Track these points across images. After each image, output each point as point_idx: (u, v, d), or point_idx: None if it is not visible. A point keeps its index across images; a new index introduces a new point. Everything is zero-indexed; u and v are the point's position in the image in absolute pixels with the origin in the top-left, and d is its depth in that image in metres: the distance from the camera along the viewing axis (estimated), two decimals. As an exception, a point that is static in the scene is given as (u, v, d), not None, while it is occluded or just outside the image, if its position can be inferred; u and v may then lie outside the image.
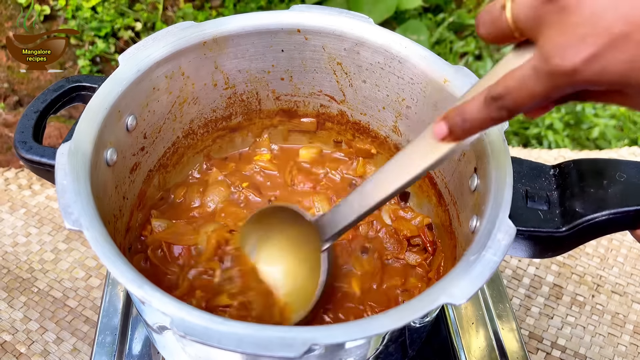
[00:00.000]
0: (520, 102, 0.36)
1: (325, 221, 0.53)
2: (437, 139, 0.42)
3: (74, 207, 0.44)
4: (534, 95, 0.35)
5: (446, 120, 0.41)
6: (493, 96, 0.37)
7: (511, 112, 0.37)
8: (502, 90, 0.36)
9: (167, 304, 0.41)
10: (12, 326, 0.75)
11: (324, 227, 0.53)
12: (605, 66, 0.31)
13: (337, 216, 0.51)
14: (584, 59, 0.31)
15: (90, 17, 1.71)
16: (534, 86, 0.34)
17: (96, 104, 0.52)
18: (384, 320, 0.41)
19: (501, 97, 0.37)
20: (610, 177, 0.49)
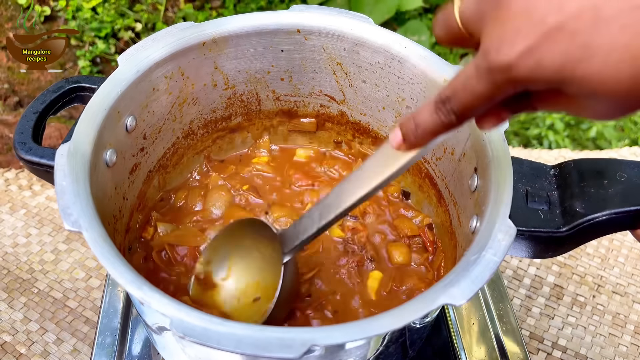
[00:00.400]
0: (465, 103, 0.35)
1: (288, 234, 0.52)
2: (393, 147, 0.41)
3: (73, 208, 0.44)
4: (477, 96, 0.34)
5: (400, 128, 0.40)
6: (441, 99, 0.36)
7: (459, 116, 0.36)
8: (449, 92, 0.35)
9: (167, 305, 0.40)
10: (12, 327, 0.75)
11: (286, 240, 0.52)
12: (540, 60, 0.29)
13: (299, 229, 0.51)
14: (519, 53, 0.30)
15: (90, 17, 1.71)
16: (476, 85, 0.33)
17: (95, 104, 0.52)
18: (384, 320, 0.41)
19: (448, 100, 0.35)
20: (611, 177, 0.49)
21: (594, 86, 0.29)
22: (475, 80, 0.33)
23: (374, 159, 0.44)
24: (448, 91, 0.35)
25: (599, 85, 0.29)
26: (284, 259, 0.53)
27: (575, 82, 0.29)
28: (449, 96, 0.35)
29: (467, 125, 0.52)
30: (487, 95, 0.33)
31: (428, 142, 0.40)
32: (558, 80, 0.30)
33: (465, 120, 0.36)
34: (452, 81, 0.35)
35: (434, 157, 0.64)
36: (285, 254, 0.53)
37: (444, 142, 0.61)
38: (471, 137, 0.55)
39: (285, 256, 0.53)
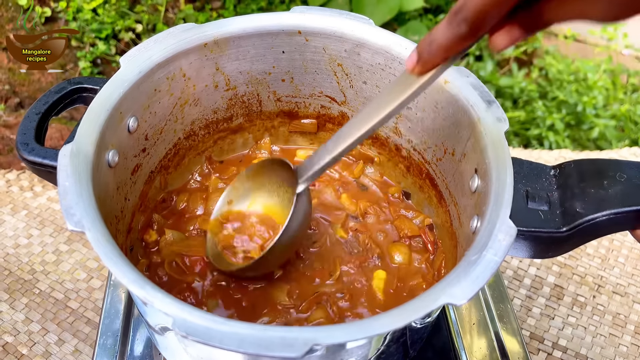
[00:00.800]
0: (475, 9, 0.35)
1: (304, 166, 0.55)
2: (408, 69, 0.42)
3: (76, 208, 0.44)
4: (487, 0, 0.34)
5: (416, 49, 0.41)
6: (454, 11, 0.37)
7: (471, 25, 0.36)
8: (461, 4, 0.36)
9: (169, 305, 0.41)
10: (13, 327, 0.75)
11: (301, 171, 0.55)
12: None
13: (314, 159, 0.53)
14: None
15: (91, 18, 1.71)
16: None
17: (98, 105, 0.53)
18: (385, 320, 0.41)
19: (460, 10, 0.36)
20: (611, 178, 0.49)
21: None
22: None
23: (387, 90, 0.45)
24: (459, 2, 0.36)
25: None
26: (298, 188, 0.55)
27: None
28: (461, 5, 0.36)
29: (467, 125, 0.53)
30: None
31: (442, 60, 0.40)
32: None
33: (477, 31, 0.36)
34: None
35: (435, 158, 0.64)
36: (300, 184, 0.55)
37: (445, 143, 0.61)
38: (472, 138, 0.55)
39: (299, 185, 0.55)
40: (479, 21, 0.36)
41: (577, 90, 1.78)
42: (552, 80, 1.87)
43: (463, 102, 0.56)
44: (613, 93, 1.82)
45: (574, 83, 1.82)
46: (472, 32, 0.37)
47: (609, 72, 1.90)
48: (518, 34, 0.37)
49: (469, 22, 0.36)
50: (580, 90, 1.78)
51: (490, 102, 0.55)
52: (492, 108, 0.54)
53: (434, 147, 0.64)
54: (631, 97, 1.84)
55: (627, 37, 2.01)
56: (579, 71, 1.85)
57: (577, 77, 1.84)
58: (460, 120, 0.57)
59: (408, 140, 0.68)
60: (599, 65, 1.89)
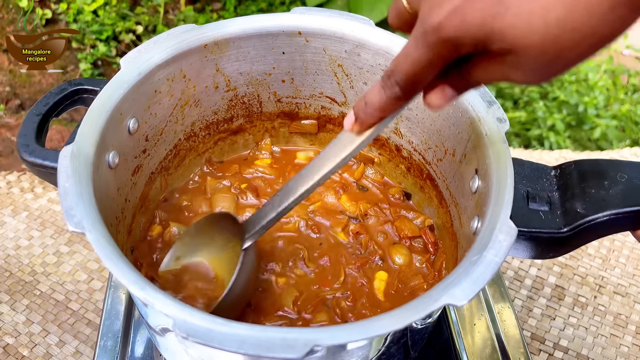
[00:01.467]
0: (407, 73, 0.37)
1: (251, 221, 0.55)
2: (346, 129, 0.44)
3: (77, 209, 0.44)
4: (416, 62, 0.36)
5: (353, 108, 0.43)
6: (386, 74, 0.38)
7: (403, 88, 0.38)
8: (392, 66, 0.38)
9: (170, 306, 0.41)
10: (14, 329, 0.75)
11: (249, 226, 0.54)
12: (464, 18, 0.32)
13: (261, 215, 0.53)
14: (446, 14, 0.33)
15: (91, 20, 1.71)
16: (414, 52, 0.36)
17: (98, 106, 0.53)
18: (385, 321, 0.41)
19: (392, 73, 0.38)
20: (611, 178, 0.49)
21: (511, 39, 0.31)
22: (414, 47, 0.36)
23: (330, 147, 0.47)
24: (392, 65, 0.38)
25: (515, 39, 0.31)
26: (244, 244, 0.54)
27: (496, 37, 0.32)
28: (392, 69, 0.38)
29: (468, 125, 0.53)
30: (425, 59, 0.36)
31: (378, 120, 0.42)
32: (481, 37, 0.32)
33: (410, 93, 0.38)
34: (395, 57, 0.38)
35: (435, 159, 0.64)
36: (246, 240, 0.54)
37: (445, 144, 0.61)
38: (472, 138, 0.55)
39: (245, 241, 0.54)
40: (411, 84, 0.38)
41: (577, 90, 1.78)
42: (553, 81, 1.87)
43: (464, 102, 0.56)
44: (614, 93, 1.82)
45: (574, 83, 1.81)
46: (404, 94, 0.38)
47: (610, 72, 1.90)
48: (450, 93, 0.39)
49: (401, 85, 0.38)
50: (581, 91, 1.78)
51: (491, 102, 0.55)
52: (492, 108, 0.54)
53: (435, 148, 0.64)
54: (632, 97, 1.84)
55: (628, 37, 2.01)
56: (580, 71, 1.85)
57: (577, 77, 1.84)
58: (461, 121, 0.57)
59: (409, 141, 0.67)
60: (599, 65, 1.89)
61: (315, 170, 0.48)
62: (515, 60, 0.33)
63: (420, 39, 0.35)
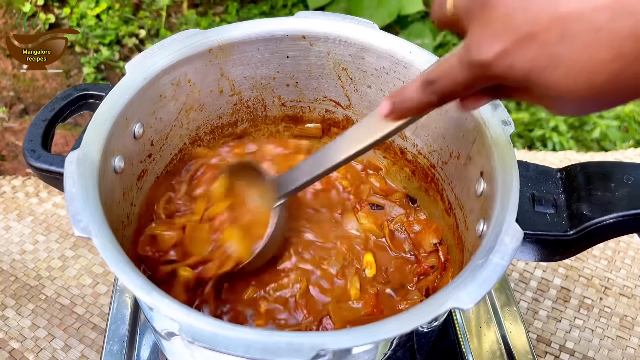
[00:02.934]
0: (447, 88, 0.38)
1: (282, 180, 0.57)
2: (381, 115, 0.45)
3: (83, 214, 0.44)
4: (457, 83, 0.37)
5: (390, 99, 0.44)
6: (427, 80, 0.40)
7: (441, 98, 0.39)
8: (434, 76, 0.39)
9: (176, 310, 0.41)
10: (20, 334, 0.76)
11: (280, 186, 0.57)
12: (512, 63, 0.33)
13: (292, 177, 0.56)
14: (495, 54, 0.33)
15: (94, 25, 1.72)
16: (457, 74, 0.37)
17: (103, 112, 0.53)
18: (391, 325, 0.41)
19: (433, 82, 0.39)
20: (618, 180, 0.49)
21: (556, 91, 0.32)
22: (458, 70, 0.37)
23: (364, 123, 0.48)
24: (434, 74, 0.39)
25: (560, 92, 0.32)
26: (276, 202, 0.57)
27: (541, 86, 0.33)
28: (434, 79, 0.39)
29: (473, 128, 0.53)
30: (467, 84, 0.37)
31: (412, 116, 0.44)
32: (527, 82, 0.33)
33: (445, 102, 0.40)
34: (438, 65, 0.39)
35: (440, 161, 0.64)
36: (278, 199, 0.57)
37: (450, 146, 0.61)
38: (477, 141, 0.55)
39: (277, 200, 0.57)
40: (449, 97, 0.40)
41: (580, 91, 1.77)
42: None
43: (468, 105, 0.56)
44: (616, 94, 1.81)
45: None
46: (440, 102, 0.40)
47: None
48: (485, 100, 0.41)
49: (439, 96, 0.39)
50: (584, 91, 1.77)
51: (496, 105, 0.55)
52: (497, 111, 0.54)
53: (439, 151, 0.64)
54: (635, 97, 1.83)
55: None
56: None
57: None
58: (466, 124, 0.57)
59: (413, 143, 0.67)
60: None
61: (349, 145, 0.49)
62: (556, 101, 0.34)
63: (465, 67, 0.36)
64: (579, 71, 0.31)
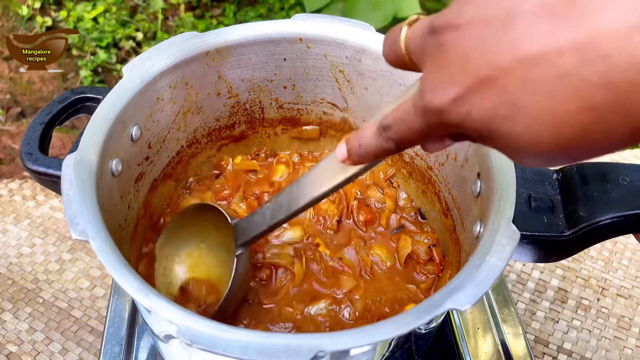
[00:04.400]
0: (403, 135, 0.35)
1: (241, 227, 0.54)
2: (338, 159, 0.42)
3: (80, 217, 0.44)
4: (413, 130, 0.34)
5: (346, 143, 0.41)
6: (382, 126, 0.36)
7: (398, 145, 0.36)
8: (389, 122, 0.35)
9: (174, 313, 0.41)
10: (17, 337, 0.75)
11: (239, 233, 0.54)
12: (470, 111, 0.29)
13: (252, 224, 0.52)
14: (450, 100, 0.29)
15: (91, 27, 1.72)
16: (413, 121, 0.33)
17: (101, 115, 0.53)
18: (389, 326, 0.41)
19: (388, 128, 0.36)
20: (614, 181, 0.49)
21: (518, 144, 0.29)
22: (413, 116, 0.33)
23: (325, 165, 0.45)
24: (389, 120, 0.35)
25: (522, 145, 0.29)
26: (237, 251, 0.54)
27: (502, 138, 0.29)
28: (389, 125, 0.35)
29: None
30: (423, 131, 0.33)
31: (369, 162, 0.41)
32: (485, 132, 0.29)
33: (403, 148, 0.37)
34: (392, 111, 0.35)
35: (437, 163, 0.64)
36: (238, 247, 0.54)
37: (447, 148, 0.61)
38: (474, 142, 0.55)
39: (238, 249, 0.54)
40: (406, 143, 0.36)
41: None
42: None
43: (465, 107, 0.56)
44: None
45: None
46: (398, 149, 0.37)
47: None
48: (449, 142, 0.37)
49: (396, 142, 0.36)
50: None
51: (492, 106, 0.55)
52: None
53: (436, 152, 0.64)
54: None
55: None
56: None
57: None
58: (462, 125, 0.57)
59: (410, 145, 0.68)
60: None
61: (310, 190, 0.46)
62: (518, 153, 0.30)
63: (419, 113, 0.32)
64: (543, 123, 0.27)
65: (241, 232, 0.54)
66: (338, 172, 0.44)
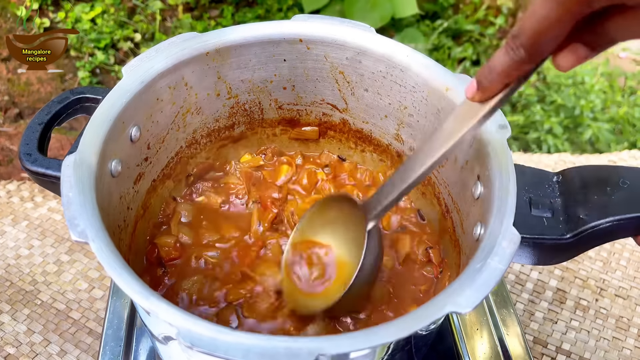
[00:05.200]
0: (533, 33, 0.34)
1: (371, 202, 0.54)
2: (468, 97, 0.41)
3: (80, 219, 0.44)
4: (543, 21, 0.33)
5: (475, 77, 0.40)
6: (512, 35, 0.35)
7: (529, 49, 0.35)
8: (519, 28, 0.35)
9: (174, 315, 0.41)
10: (15, 339, 0.75)
11: (369, 207, 0.54)
12: None
13: (381, 195, 0.52)
14: None
15: (89, 28, 1.72)
16: (541, 9, 0.32)
17: (100, 115, 0.53)
18: (389, 329, 0.41)
19: (518, 35, 0.35)
20: (614, 184, 0.49)
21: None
22: (540, 3, 0.32)
23: (450, 120, 0.44)
24: (517, 27, 0.35)
25: None
26: (368, 225, 0.54)
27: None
28: (519, 31, 0.35)
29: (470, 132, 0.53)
30: (553, 17, 0.32)
31: (503, 86, 0.39)
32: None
33: (537, 55, 0.35)
34: (520, 19, 0.36)
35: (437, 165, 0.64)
36: (369, 221, 0.54)
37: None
38: (474, 144, 0.55)
39: (368, 223, 0.54)
40: (537, 45, 0.35)
41: (575, 93, 1.79)
42: (550, 84, 1.88)
43: (464, 108, 0.56)
44: (611, 96, 1.83)
45: (571, 87, 1.82)
46: (531, 57, 0.36)
47: (606, 75, 1.91)
48: (584, 53, 0.36)
49: (527, 47, 0.35)
50: (578, 94, 1.79)
51: (492, 108, 0.55)
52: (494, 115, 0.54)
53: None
54: (629, 99, 1.85)
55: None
56: (577, 75, 1.85)
57: (574, 80, 1.85)
58: (462, 127, 0.57)
59: (410, 147, 0.68)
60: (596, 68, 1.90)
61: (437, 146, 0.45)
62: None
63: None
64: None
65: (371, 207, 0.54)
66: (468, 117, 0.42)
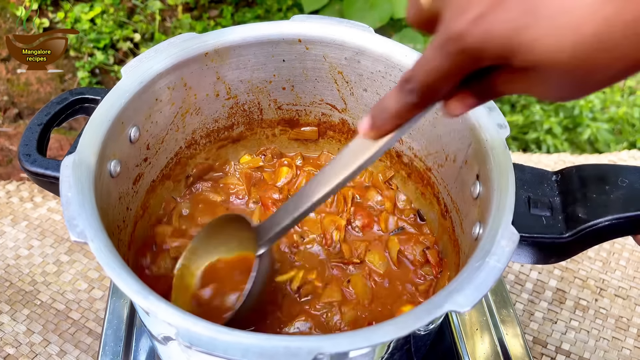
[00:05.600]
0: (425, 80, 0.35)
1: (264, 226, 0.53)
2: (361, 134, 0.42)
3: (79, 219, 0.44)
4: (434, 70, 0.34)
5: (369, 114, 0.41)
6: (404, 79, 0.36)
7: (421, 95, 0.36)
8: (409, 73, 0.36)
9: (173, 315, 0.41)
10: (15, 339, 0.75)
11: (262, 232, 0.53)
12: (489, 28, 0.30)
13: (274, 222, 0.52)
14: (470, 21, 0.30)
15: (89, 29, 1.72)
16: (433, 60, 0.33)
17: (99, 116, 0.53)
18: (388, 328, 0.41)
19: (409, 80, 0.36)
20: (613, 183, 0.49)
21: (537, 55, 0.29)
22: (432, 55, 0.33)
23: (346, 152, 0.45)
24: (409, 72, 0.36)
25: (541, 54, 0.29)
26: (259, 250, 0.53)
27: (521, 51, 0.29)
28: (410, 76, 0.36)
29: (468, 131, 0.53)
30: (444, 69, 0.33)
31: (395, 127, 0.40)
32: (505, 50, 0.30)
33: (427, 102, 0.36)
34: (412, 65, 0.36)
35: (436, 165, 0.64)
36: (260, 246, 0.53)
37: (446, 149, 0.62)
38: (473, 144, 0.55)
39: (259, 248, 0.53)
40: (428, 93, 0.36)
41: (574, 93, 1.78)
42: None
43: (463, 108, 0.56)
44: (610, 96, 1.83)
45: (571, 87, 1.82)
46: (421, 103, 0.36)
47: (606, 75, 1.90)
48: (471, 102, 0.37)
49: (418, 94, 0.36)
50: (578, 94, 1.78)
51: (491, 108, 0.55)
52: (492, 114, 0.54)
53: (435, 154, 0.64)
54: (628, 99, 1.85)
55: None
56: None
57: (574, 81, 1.84)
58: (461, 127, 0.57)
59: (409, 147, 0.68)
60: (595, 68, 1.90)
61: (332, 176, 0.45)
62: (540, 77, 0.31)
63: (439, 47, 0.32)
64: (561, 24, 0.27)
65: (264, 232, 0.53)
66: (359, 152, 0.43)
